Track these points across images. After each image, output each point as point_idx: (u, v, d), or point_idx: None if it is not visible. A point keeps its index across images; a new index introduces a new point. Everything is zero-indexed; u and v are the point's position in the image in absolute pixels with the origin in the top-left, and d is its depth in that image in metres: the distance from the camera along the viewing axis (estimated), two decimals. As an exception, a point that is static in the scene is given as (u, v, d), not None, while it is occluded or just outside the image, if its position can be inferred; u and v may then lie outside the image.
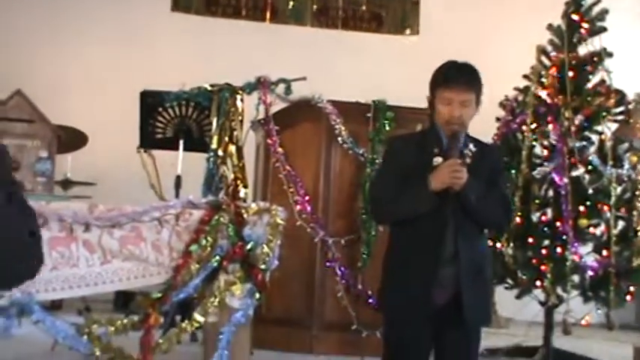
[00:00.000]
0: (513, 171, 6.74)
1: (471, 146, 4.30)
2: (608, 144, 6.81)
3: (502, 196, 4.35)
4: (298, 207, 6.32)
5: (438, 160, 4.23)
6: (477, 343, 4.39)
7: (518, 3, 10.43)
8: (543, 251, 6.64)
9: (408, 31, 11.03)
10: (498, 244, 6.58)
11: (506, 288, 6.77)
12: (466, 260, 4.19)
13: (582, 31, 7.02)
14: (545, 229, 6.75)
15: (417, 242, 4.28)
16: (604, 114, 6.88)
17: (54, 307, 7.40)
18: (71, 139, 8.38)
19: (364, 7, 11.01)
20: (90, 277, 4.82)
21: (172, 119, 6.85)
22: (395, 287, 4.34)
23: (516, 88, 7.08)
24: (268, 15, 10.77)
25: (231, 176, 6.32)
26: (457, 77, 4.24)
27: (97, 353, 4.81)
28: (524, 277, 6.62)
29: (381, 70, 10.09)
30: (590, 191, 6.74)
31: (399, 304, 4.34)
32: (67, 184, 8.68)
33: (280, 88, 6.47)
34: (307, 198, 6.35)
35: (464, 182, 4.14)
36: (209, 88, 6.51)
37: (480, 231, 4.30)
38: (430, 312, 4.19)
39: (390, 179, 4.49)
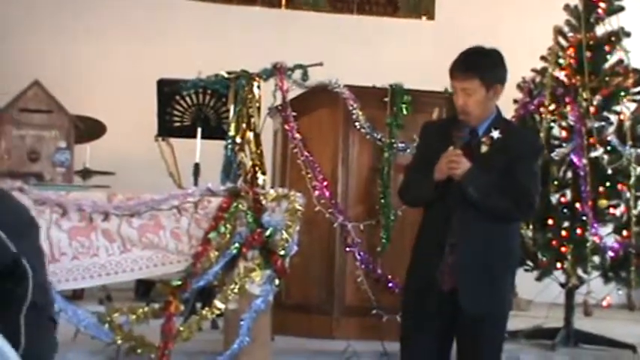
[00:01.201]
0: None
1: (495, 133, 4.25)
2: (627, 124, 6.76)
3: (518, 186, 4.21)
4: (317, 192, 6.30)
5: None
6: (491, 332, 4.34)
7: (534, -16, 10.38)
8: (563, 233, 6.61)
9: (423, 16, 11.00)
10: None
11: (526, 270, 6.75)
12: (465, 250, 4.18)
13: (599, 10, 6.97)
14: (565, 210, 6.73)
15: (427, 229, 4.33)
16: (622, 94, 6.84)
17: (75, 296, 7.45)
18: (89, 129, 8.40)
19: (379, -8, 11.01)
20: (110, 266, 4.85)
21: (190, 107, 6.85)
22: (408, 271, 4.41)
23: (534, 70, 7.03)
24: (283, 1, 10.77)
25: (250, 163, 6.32)
26: (456, 66, 4.24)
27: (119, 342, 4.85)
28: (544, 258, 6.59)
29: (397, 55, 10.07)
30: (610, 172, 6.70)
31: (409, 287, 4.39)
32: (86, 173, 8.71)
33: (297, 74, 6.46)
34: (325, 183, 6.34)
35: (462, 172, 4.12)
36: (226, 76, 6.51)
37: (491, 221, 4.21)
38: (437, 298, 4.20)
39: (413, 163, 4.55)
